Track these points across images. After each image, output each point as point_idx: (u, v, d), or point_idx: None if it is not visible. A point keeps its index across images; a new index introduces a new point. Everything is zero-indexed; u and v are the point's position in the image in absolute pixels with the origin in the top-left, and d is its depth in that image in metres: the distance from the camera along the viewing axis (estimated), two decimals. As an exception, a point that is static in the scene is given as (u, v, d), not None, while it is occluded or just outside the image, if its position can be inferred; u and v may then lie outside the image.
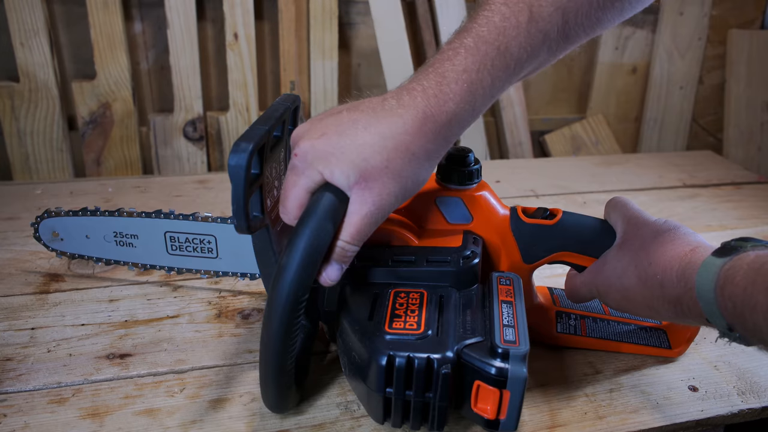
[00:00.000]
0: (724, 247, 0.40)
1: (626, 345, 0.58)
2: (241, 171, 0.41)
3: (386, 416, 0.44)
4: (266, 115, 0.47)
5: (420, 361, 0.41)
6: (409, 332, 0.43)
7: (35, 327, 0.59)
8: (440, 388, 0.41)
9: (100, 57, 0.98)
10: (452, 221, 0.53)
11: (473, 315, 0.46)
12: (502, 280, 0.49)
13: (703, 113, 1.38)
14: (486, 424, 0.43)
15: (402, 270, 0.48)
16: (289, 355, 0.42)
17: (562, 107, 1.33)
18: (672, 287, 0.42)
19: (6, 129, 0.98)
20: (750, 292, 0.35)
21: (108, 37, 0.97)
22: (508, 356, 0.41)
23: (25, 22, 0.93)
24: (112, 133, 1.02)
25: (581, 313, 0.60)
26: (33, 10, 0.93)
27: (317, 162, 0.41)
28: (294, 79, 1.09)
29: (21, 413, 0.48)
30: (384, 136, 0.40)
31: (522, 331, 0.43)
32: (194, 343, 0.58)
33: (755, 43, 1.26)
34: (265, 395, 0.46)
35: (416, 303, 0.46)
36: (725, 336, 0.40)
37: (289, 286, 0.39)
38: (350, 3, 1.11)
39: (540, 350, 0.58)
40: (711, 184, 1.05)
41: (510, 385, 0.41)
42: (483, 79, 0.41)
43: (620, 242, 0.50)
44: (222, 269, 0.61)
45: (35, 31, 0.94)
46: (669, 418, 0.51)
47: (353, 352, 0.44)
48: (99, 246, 0.63)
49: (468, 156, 0.52)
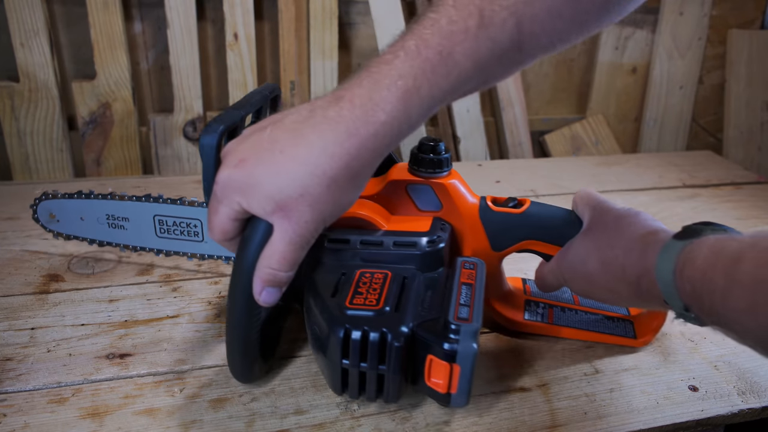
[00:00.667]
0: (685, 231, 0.41)
1: (592, 334, 0.60)
2: (212, 150, 0.43)
3: (344, 387, 0.46)
4: (242, 101, 0.49)
5: (374, 335, 0.43)
6: (368, 308, 0.45)
7: (35, 327, 0.59)
8: (393, 361, 0.44)
9: (100, 57, 0.98)
10: (422, 208, 0.55)
11: (434, 295, 0.48)
12: (467, 264, 0.51)
13: (703, 113, 1.38)
14: (438, 397, 0.45)
15: (369, 252, 0.50)
16: (253, 327, 0.46)
17: (562, 107, 1.33)
18: (632, 269, 0.43)
19: (6, 129, 0.98)
20: (709, 275, 0.36)
21: (108, 37, 0.97)
22: (459, 332, 0.42)
23: (25, 22, 0.93)
24: (112, 133, 1.02)
25: (550, 302, 0.62)
26: (33, 10, 0.93)
27: (234, 194, 0.40)
28: (294, 79, 1.09)
29: (21, 413, 0.48)
30: (301, 160, 0.38)
31: (477, 310, 0.44)
32: (194, 343, 0.58)
33: (755, 43, 1.26)
34: (232, 365, 0.49)
35: (379, 282, 0.48)
36: (681, 317, 0.41)
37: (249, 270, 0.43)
38: (350, 3, 1.11)
39: (540, 350, 0.58)
40: (711, 184, 1.05)
41: (460, 359, 0.42)
42: (421, 87, 0.38)
43: (585, 229, 0.51)
44: (207, 252, 0.64)
45: (35, 31, 0.94)
46: (669, 418, 0.51)
47: (315, 326, 0.47)
48: (92, 228, 0.65)
49: (438, 145, 0.53)
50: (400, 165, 0.56)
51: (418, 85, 0.38)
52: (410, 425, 0.49)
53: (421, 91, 0.38)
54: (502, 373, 0.55)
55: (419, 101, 0.39)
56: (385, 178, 0.55)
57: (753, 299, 0.32)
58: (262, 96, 0.51)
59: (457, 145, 1.21)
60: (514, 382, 0.54)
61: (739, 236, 0.37)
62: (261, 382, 0.53)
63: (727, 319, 0.35)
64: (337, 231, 0.51)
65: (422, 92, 0.38)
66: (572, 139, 1.31)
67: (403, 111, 0.39)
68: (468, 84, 0.40)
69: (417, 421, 0.49)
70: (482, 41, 0.38)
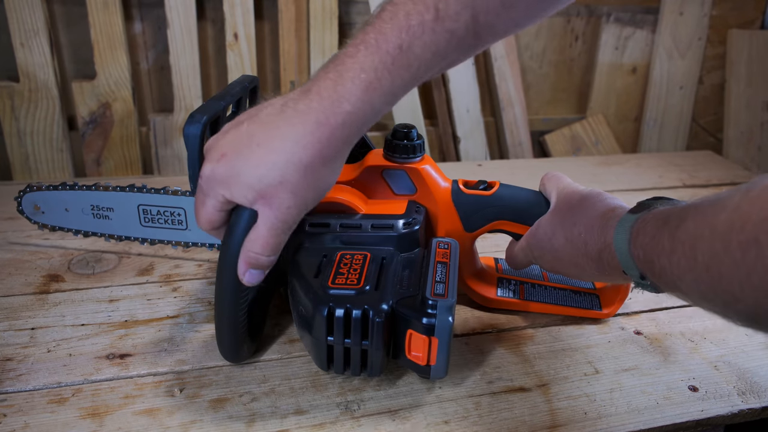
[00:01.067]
0: (639, 205, 0.44)
1: (561, 308, 0.63)
2: (196, 139, 0.45)
3: (330, 363, 0.48)
4: (223, 92, 0.51)
5: (357, 312, 0.46)
6: (349, 287, 0.47)
7: (35, 327, 0.59)
8: (375, 336, 0.46)
9: (100, 57, 0.98)
10: (398, 192, 0.58)
11: (411, 274, 0.50)
12: (441, 244, 0.53)
13: (703, 113, 1.38)
14: (419, 370, 0.48)
15: (349, 235, 0.53)
16: (240, 309, 0.48)
17: (562, 107, 1.33)
18: (594, 244, 0.46)
19: (6, 129, 0.98)
20: (657, 239, 0.38)
21: (108, 37, 0.97)
22: (437, 307, 0.45)
23: (25, 22, 0.93)
24: (112, 133, 1.02)
25: (521, 279, 0.65)
26: (33, 10, 0.93)
27: (218, 186, 0.43)
28: (294, 79, 1.09)
29: (21, 413, 0.48)
30: (277, 151, 0.41)
31: (452, 286, 0.47)
32: (194, 343, 0.58)
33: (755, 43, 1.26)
34: (221, 345, 0.51)
35: (359, 263, 0.50)
36: (639, 285, 0.43)
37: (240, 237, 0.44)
38: (350, 3, 1.11)
39: (540, 350, 0.58)
40: (711, 184, 1.05)
41: (437, 332, 0.45)
42: (382, 79, 0.40)
43: (552, 209, 0.54)
44: (192, 240, 0.65)
45: (35, 31, 0.94)
46: (669, 418, 0.51)
47: (300, 306, 0.49)
48: (77, 218, 0.66)
49: (411, 131, 0.56)
50: (376, 151, 0.58)
51: (380, 77, 0.40)
52: (410, 425, 0.49)
53: (383, 83, 0.41)
54: (502, 373, 0.55)
55: (381, 92, 0.41)
56: (362, 164, 0.57)
57: (692, 255, 0.34)
58: (242, 87, 0.53)
59: (457, 145, 1.21)
60: (514, 382, 0.54)
61: (684, 203, 0.39)
62: (261, 382, 0.53)
63: (675, 278, 0.37)
64: (317, 216, 0.53)
65: (384, 84, 0.41)
66: (572, 139, 1.31)
67: (367, 102, 0.41)
68: (429, 72, 0.42)
69: (417, 421, 0.49)
70: (440, 34, 0.40)
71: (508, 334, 0.61)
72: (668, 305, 0.67)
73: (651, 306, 0.67)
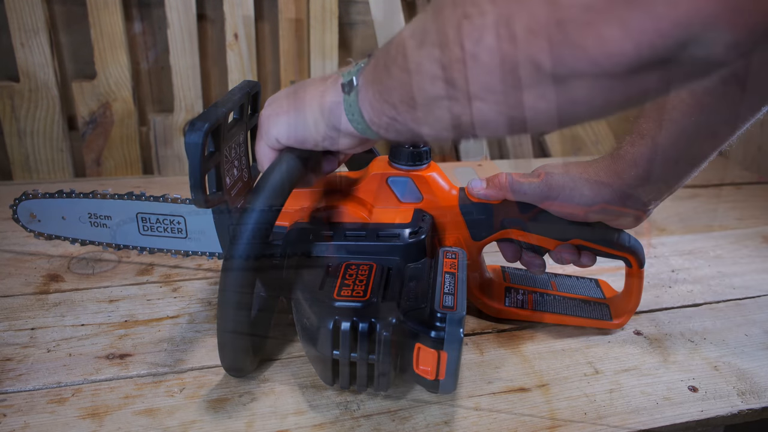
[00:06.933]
0: (343, 85, 0.44)
1: (570, 318, 0.61)
2: (197, 148, 0.44)
3: (335, 378, 0.47)
4: (225, 99, 0.50)
5: (364, 325, 0.44)
6: (355, 299, 0.46)
7: (35, 327, 0.59)
8: (383, 350, 0.45)
9: (100, 57, 0.98)
10: (404, 200, 0.57)
11: (418, 285, 0.49)
12: (449, 254, 0.52)
13: (703, 113, 1.37)
14: (427, 384, 0.46)
15: (354, 244, 0.52)
16: (243, 320, 0.47)
17: (562, 107, 1.33)
18: None
19: (6, 129, 0.97)
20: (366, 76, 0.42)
21: (108, 37, 0.97)
22: (446, 320, 0.44)
23: (25, 22, 0.93)
24: (112, 133, 1.02)
25: (529, 288, 0.64)
26: (33, 10, 0.93)
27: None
28: (294, 79, 1.09)
29: (21, 413, 0.48)
30: None
31: (461, 298, 0.46)
32: (194, 343, 0.58)
33: (755, 43, 1.26)
34: (223, 358, 0.49)
35: (365, 274, 0.49)
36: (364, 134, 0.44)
37: (244, 248, 0.44)
38: (350, 3, 1.11)
39: (540, 350, 0.58)
40: (711, 184, 1.05)
41: (447, 346, 0.44)
42: None
43: None
44: (191, 249, 0.64)
45: (35, 31, 0.94)
46: (669, 418, 0.51)
47: (305, 318, 0.47)
48: (75, 227, 0.65)
49: None
50: (381, 158, 0.57)
51: None
52: (410, 425, 0.49)
53: None
54: (502, 373, 0.55)
55: None
56: (367, 172, 0.56)
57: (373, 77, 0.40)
58: (243, 93, 0.53)
59: (457, 145, 1.21)
60: (514, 382, 0.54)
61: None
62: (261, 382, 0.53)
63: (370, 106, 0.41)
64: (322, 225, 0.52)
65: None
66: (572, 139, 1.31)
67: None
68: None
69: (417, 421, 0.49)
70: None
71: (507, 334, 0.61)
72: (668, 305, 0.67)
73: (651, 306, 0.67)
